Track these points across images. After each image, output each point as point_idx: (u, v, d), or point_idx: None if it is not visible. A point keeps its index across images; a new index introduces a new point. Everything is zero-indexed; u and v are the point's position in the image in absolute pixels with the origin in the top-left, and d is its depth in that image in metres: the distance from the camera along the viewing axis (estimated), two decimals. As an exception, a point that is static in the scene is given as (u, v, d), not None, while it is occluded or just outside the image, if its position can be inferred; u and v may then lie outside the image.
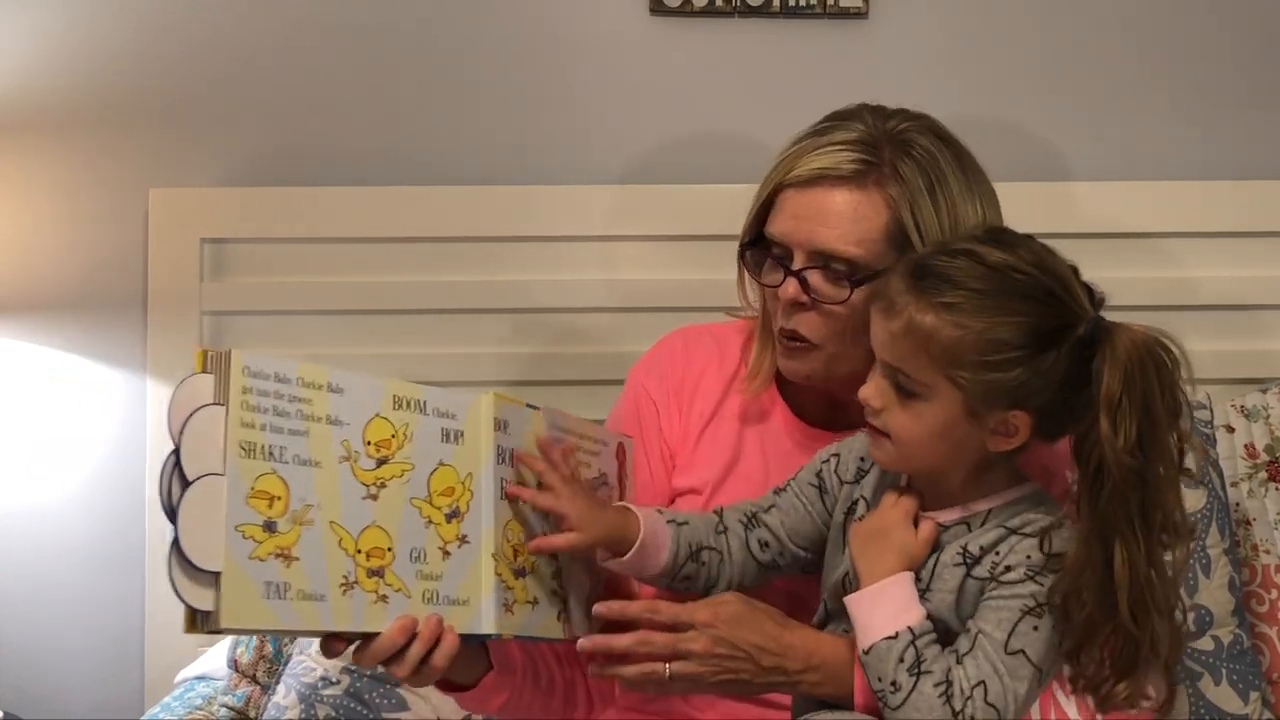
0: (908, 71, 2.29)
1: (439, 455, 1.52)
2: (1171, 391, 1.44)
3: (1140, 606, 1.43)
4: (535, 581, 1.56)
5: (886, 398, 1.48)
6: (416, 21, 2.30)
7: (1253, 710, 2.06)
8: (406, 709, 2.00)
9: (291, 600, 1.40)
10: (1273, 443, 2.19)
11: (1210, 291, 2.30)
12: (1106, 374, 1.41)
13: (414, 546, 1.49)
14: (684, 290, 2.30)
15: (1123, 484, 1.41)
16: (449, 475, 1.52)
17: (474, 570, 1.51)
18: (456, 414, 1.54)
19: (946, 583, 1.49)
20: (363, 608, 1.45)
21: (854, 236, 1.61)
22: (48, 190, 2.29)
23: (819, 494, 1.63)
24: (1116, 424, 1.40)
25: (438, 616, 1.48)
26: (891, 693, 1.44)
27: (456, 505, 1.52)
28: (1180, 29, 2.33)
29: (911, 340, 1.45)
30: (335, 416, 1.46)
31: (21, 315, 2.28)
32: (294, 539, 1.41)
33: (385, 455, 1.49)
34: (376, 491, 1.48)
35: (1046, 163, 2.31)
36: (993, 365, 1.43)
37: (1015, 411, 1.45)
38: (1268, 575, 2.14)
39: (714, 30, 2.31)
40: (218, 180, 2.30)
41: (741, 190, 2.16)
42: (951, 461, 1.50)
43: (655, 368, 1.82)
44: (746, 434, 1.76)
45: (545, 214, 2.30)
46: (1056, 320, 1.44)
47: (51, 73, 2.28)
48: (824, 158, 1.63)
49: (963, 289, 1.44)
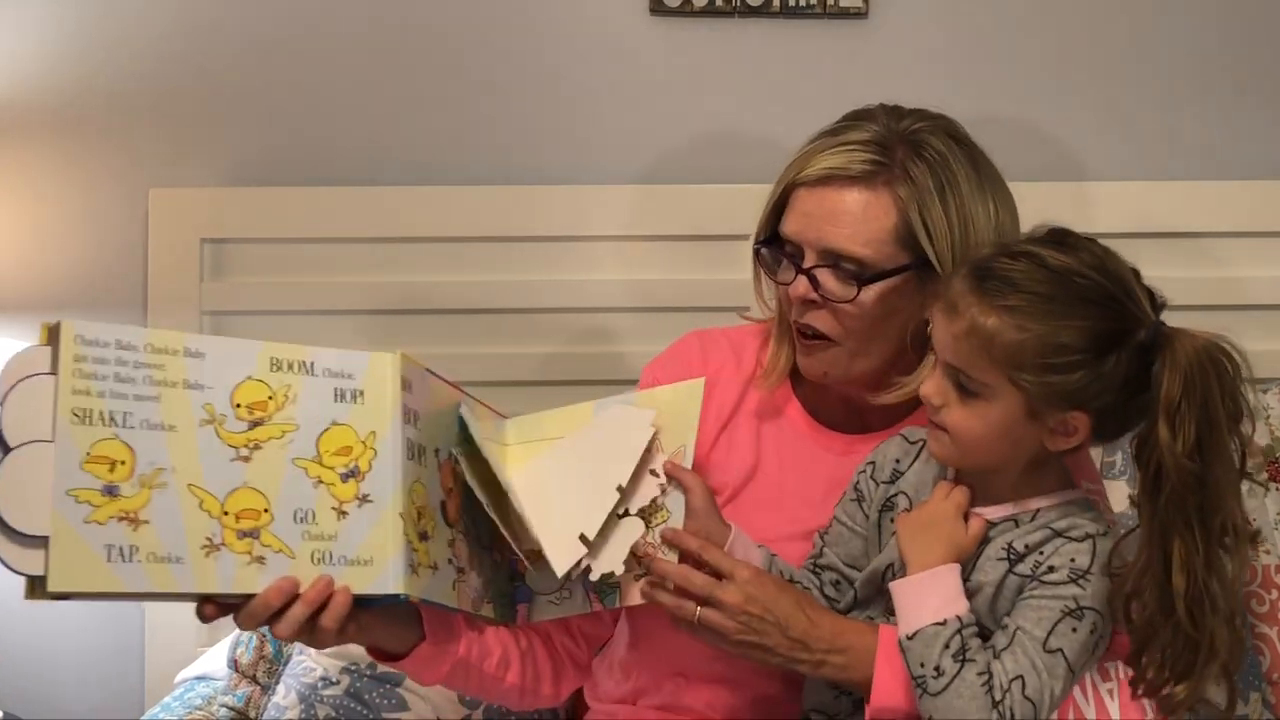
0: (908, 71, 2.29)
1: (331, 415, 1.52)
2: (1233, 396, 1.45)
3: (1198, 608, 1.44)
4: (435, 547, 1.56)
5: (947, 395, 1.50)
6: (416, 22, 2.30)
7: (1252, 710, 2.06)
8: (406, 709, 2.00)
9: (141, 563, 1.41)
10: (1273, 443, 2.19)
11: (1210, 291, 2.30)
12: (1166, 379, 1.43)
13: (299, 507, 1.49)
14: (683, 290, 2.30)
15: (1181, 487, 1.43)
16: (345, 434, 1.52)
17: (378, 529, 1.50)
18: (354, 373, 1.53)
19: (987, 575, 1.51)
20: (233, 570, 1.45)
21: (863, 236, 1.62)
22: (48, 190, 2.29)
23: (858, 506, 1.65)
24: (1176, 429, 1.42)
25: (327, 577, 1.47)
26: (934, 678, 1.46)
27: (355, 464, 1.51)
28: (1181, 27, 2.33)
29: (974, 342, 1.46)
30: (194, 381, 1.47)
31: (21, 315, 2.28)
32: (143, 501, 1.42)
33: (260, 417, 1.49)
34: (249, 453, 1.48)
35: (1046, 162, 2.31)
36: (1054, 368, 1.44)
37: (1075, 413, 1.47)
38: (1268, 575, 2.14)
39: (714, 30, 2.31)
40: (218, 180, 2.30)
41: (741, 190, 2.17)
42: (1008, 459, 1.52)
43: (671, 366, 1.82)
44: (764, 433, 1.77)
45: (544, 214, 2.30)
46: (1118, 325, 1.45)
47: (51, 73, 2.28)
48: (835, 157, 1.64)
49: (1025, 292, 1.45)
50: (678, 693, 1.76)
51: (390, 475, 1.51)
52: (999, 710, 1.45)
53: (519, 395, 2.31)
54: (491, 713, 2.02)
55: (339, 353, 1.54)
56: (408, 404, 1.55)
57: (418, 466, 1.55)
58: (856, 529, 1.64)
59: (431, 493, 1.57)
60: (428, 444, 1.58)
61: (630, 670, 1.81)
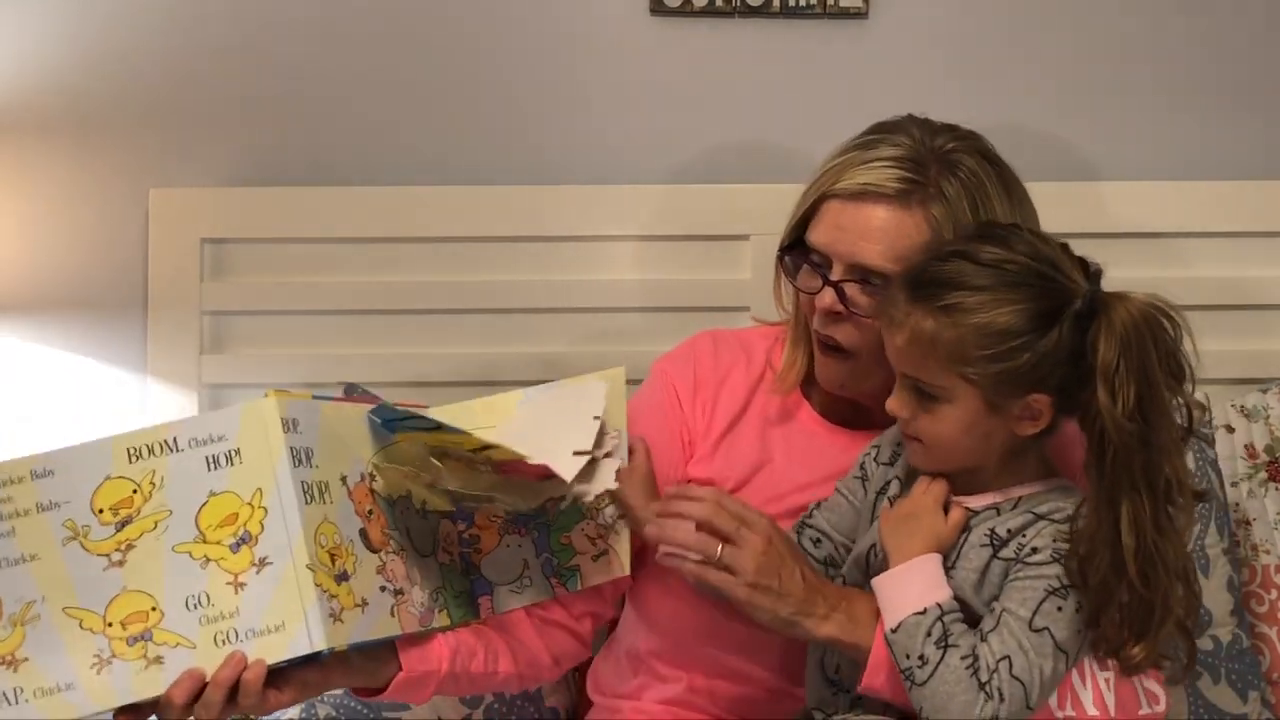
0: (908, 71, 2.29)
1: (207, 487, 1.46)
2: (1173, 356, 1.47)
3: (1150, 567, 1.46)
4: (361, 582, 1.50)
5: (911, 407, 1.52)
6: (415, 22, 2.30)
7: (1251, 710, 2.07)
8: (407, 708, 2.00)
9: (31, 701, 1.39)
10: (1273, 443, 2.19)
11: (1210, 291, 2.30)
12: (1102, 343, 1.45)
13: (190, 594, 1.44)
14: (682, 290, 2.30)
15: (1124, 449, 1.45)
16: (227, 502, 1.46)
17: (283, 591, 1.45)
18: (225, 434, 1.47)
19: (971, 562, 1.52)
20: (129, 679, 1.43)
21: (894, 254, 1.63)
22: (48, 190, 2.28)
23: (862, 484, 1.67)
24: (1114, 391, 1.44)
25: (238, 654, 1.44)
26: (919, 667, 1.47)
27: (244, 530, 1.45)
28: (1182, 27, 2.33)
29: (918, 348, 1.49)
30: (48, 501, 1.44)
31: (21, 315, 2.28)
32: (18, 641, 1.41)
33: (127, 515, 1.45)
34: (123, 556, 1.44)
35: (1046, 162, 2.30)
36: (999, 356, 1.47)
37: (1034, 395, 1.49)
38: (1267, 575, 2.14)
39: (714, 30, 2.30)
40: (218, 180, 2.30)
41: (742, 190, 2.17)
42: (984, 453, 1.54)
43: (683, 362, 1.83)
44: (772, 436, 1.78)
45: (545, 214, 2.30)
46: (1052, 301, 1.47)
47: (51, 73, 2.27)
48: (871, 173, 1.65)
49: (957, 288, 1.48)
50: (686, 686, 1.76)
51: (287, 529, 1.45)
52: (986, 691, 1.45)
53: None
54: (492, 713, 2.02)
55: (204, 417, 1.51)
56: (295, 445, 1.48)
57: (321, 506, 1.48)
58: (854, 502, 1.67)
59: (345, 526, 1.51)
60: (331, 477, 1.51)
61: (636, 664, 1.81)
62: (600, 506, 1.67)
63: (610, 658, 1.88)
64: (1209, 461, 2.12)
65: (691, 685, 1.77)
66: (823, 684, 1.62)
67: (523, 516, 1.66)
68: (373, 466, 1.57)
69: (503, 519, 1.66)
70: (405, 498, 1.59)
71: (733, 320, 1.91)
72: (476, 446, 1.56)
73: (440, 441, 1.58)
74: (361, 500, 1.54)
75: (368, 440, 1.58)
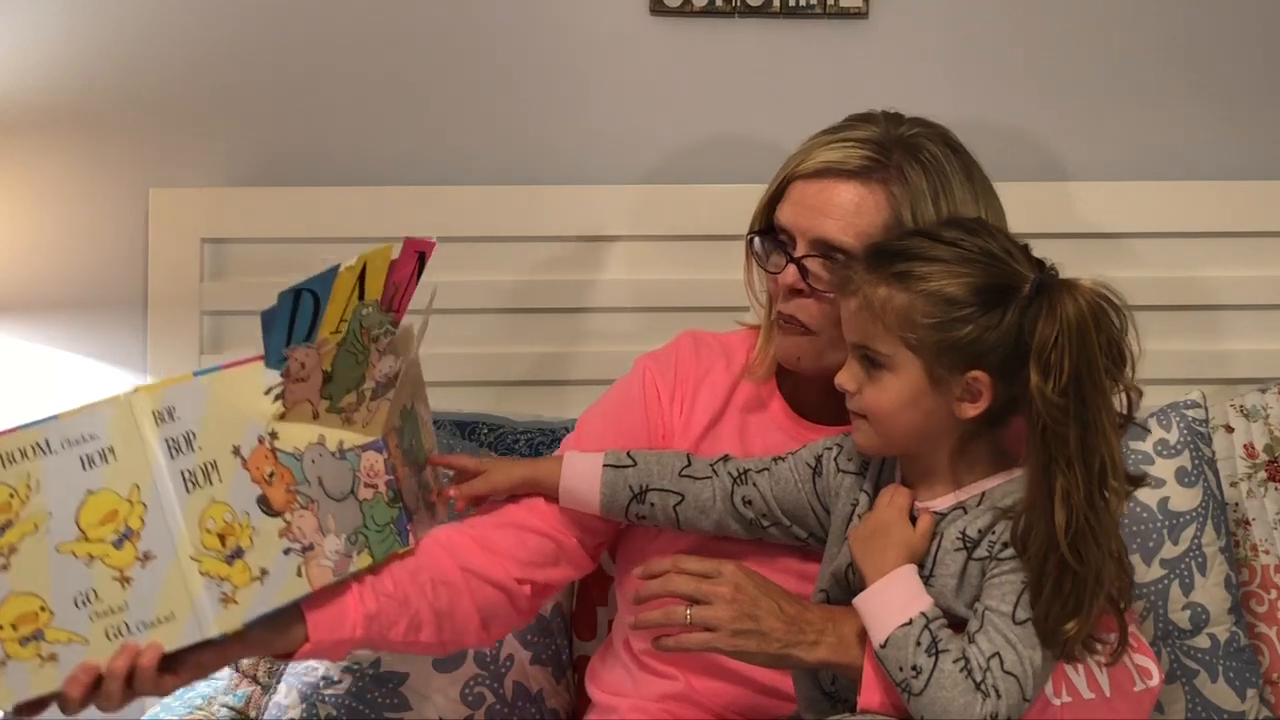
0: (908, 71, 2.29)
1: (84, 486, 1.47)
2: (1115, 344, 1.49)
3: (1082, 540, 1.47)
4: (259, 553, 1.52)
5: (859, 379, 1.55)
6: (415, 22, 2.30)
7: (1249, 708, 2.07)
8: (409, 709, 2.00)
9: None
10: (1272, 442, 2.20)
11: (1209, 291, 2.30)
12: (1041, 324, 1.47)
13: (77, 592, 1.46)
14: (681, 289, 2.30)
15: (1055, 425, 1.46)
16: (105, 500, 1.48)
17: (171, 582, 1.48)
18: (96, 433, 1.48)
19: (948, 568, 1.53)
20: (26, 677, 1.45)
21: (854, 229, 1.66)
22: (48, 190, 2.28)
23: (813, 475, 1.68)
24: (1047, 370, 1.46)
25: (132, 645, 1.47)
26: (914, 678, 1.47)
27: (126, 526, 1.48)
28: (1182, 29, 2.33)
29: (868, 313, 1.52)
30: None
31: (21, 315, 2.28)
32: None
33: (6, 520, 1.46)
34: (5, 560, 1.46)
35: (1046, 163, 2.31)
36: (944, 325, 1.50)
37: (975, 373, 1.51)
38: (1267, 575, 2.15)
39: (714, 30, 2.31)
40: (218, 180, 2.30)
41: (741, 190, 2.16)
42: (928, 435, 1.55)
43: (664, 359, 1.85)
44: (749, 426, 1.80)
45: (544, 214, 2.30)
46: (1001, 280, 1.51)
47: (51, 73, 2.27)
48: (833, 152, 1.69)
49: (913, 258, 1.52)
50: (683, 684, 1.77)
51: (167, 523, 1.48)
52: (982, 690, 1.46)
53: (519, 394, 2.32)
54: (493, 713, 2.02)
55: (75, 418, 1.49)
56: (172, 435, 1.49)
57: (207, 490, 1.50)
58: (801, 489, 1.68)
59: (239, 500, 1.52)
60: (219, 454, 1.52)
61: (634, 662, 1.82)
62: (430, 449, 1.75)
63: (608, 656, 1.89)
64: (1207, 461, 2.12)
65: (689, 683, 1.77)
66: (819, 697, 1.62)
67: (407, 451, 1.69)
68: (273, 424, 1.57)
69: (402, 449, 1.68)
70: (318, 444, 1.59)
71: (731, 320, 1.91)
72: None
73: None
74: (260, 466, 1.55)
75: (267, 401, 1.57)
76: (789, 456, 1.70)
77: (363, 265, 1.57)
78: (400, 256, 1.61)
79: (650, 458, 1.72)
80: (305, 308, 1.55)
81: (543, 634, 2.08)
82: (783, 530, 1.70)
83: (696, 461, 1.72)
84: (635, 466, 1.71)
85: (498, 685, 2.03)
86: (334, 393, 1.59)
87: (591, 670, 1.92)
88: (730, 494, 1.69)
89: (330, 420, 1.60)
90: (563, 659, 2.11)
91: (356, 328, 1.58)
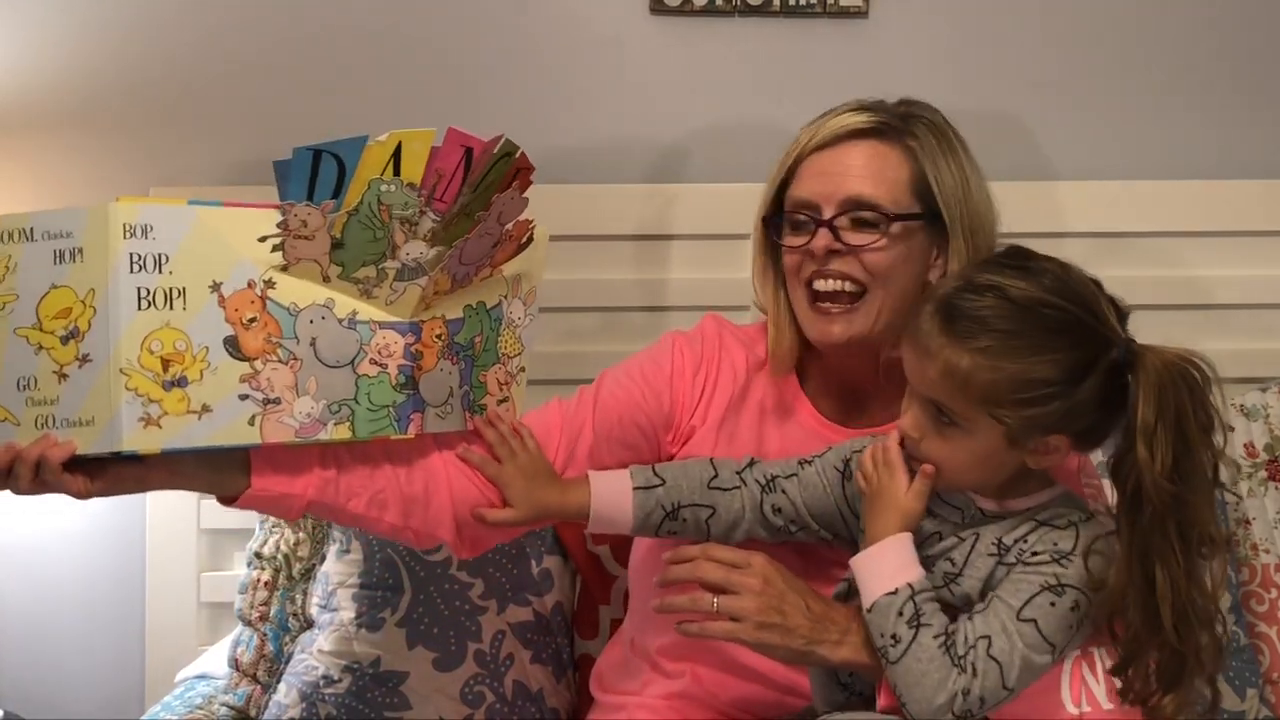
0: (908, 71, 2.29)
1: (50, 278, 1.50)
2: (1205, 409, 1.47)
3: (1184, 622, 1.46)
4: (206, 390, 1.52)
5: (924, 428, 1.52)
6: (416, 21, 2.30)
7: (1249, 707, 2.07)
8: (409, 708, 2.01)
9: None
10: (1272, 442, 2.20)
11: (1209, 291, 2.31)
12: (1141, 401, 1.45)
13: (22, 375, 1.50)
14: (681, 289, 2.30)
15: (1161, 508, 1.45)
16: (64, 296, 1.50)
17: (98, 389, 1.49)
18: (72, 231, 1.50)
19: (978, 570, 1.53)
20: None
21: (883, 182, 1.69)
22: (49, 188, 2.28)
23: (842, 479, 1.66)
24: (1153, 450, 1.44)
25: (49, 436, 1.49)
26: (891, 645, 1.48)
27: (75, 325, 1.50)
28: (1180, 29, 2.33)
29: (950, 383, 1.48)
30: None
31: (21, 315, 2.28)
32: None
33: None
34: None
35: (1046, 162, 2.31)
36: (1031, 402, 1.47)
37: (1056, 438, 1.50)
38: (1267, 575, 2.15)
39: (714, 29, 2.31)
40: (218, 180, 2.30)
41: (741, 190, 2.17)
42: (990, 480, 1.55)
43: (693, 337, 1.84)
44: (768, 427, 1.79)
45: (543, 213, 2.29)
46: (1089, 351, 1.47)
47: (51, 73, 2.27)
48: (844, 118, 1.72)
49: (994, 331, 1.47)
50: (690, 680, 1.77)
51: (109, 331, 1.49)
52: (960, 665, 1.47)
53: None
54: (493, 713, 2.02)
55: (60, 212, 1.53)
56: (140, 251, 1.50)
57: (162, 313, 1.50)
58: (830, 493, 1.66)
59: (200, 333, 1.52)
60: (191, 283, 1.52)
61: (643, 659, 1.81)
62: (512, 355, 1.75)
63: (615, 654, 1.88)
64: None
65: (696, 680, 1.77)
66: (835, 689, 1.63)
67: (456, 345, 1.67)
68: (272, 273, 1.56)
69: (444, 342, 1.66)
70: (323, 306, 1.58)
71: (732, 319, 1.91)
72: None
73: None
74: (240, 308, 1.54)
75: (263, 245, 1.56)
76: (815, 460, 1.68)
77: (397, 144, 1.56)
78: (445, 145, 1.59)
79: (676, 471, 1.69)
80: (328, 171, 1.56)
81: (543, 633, 2.08)
82: (810, 534, 1.68)
83: (723, 470, 1.69)
84: (664, 485, 1.67)
85: (498, 684, 2.03)
86: (345, 260, 1.58)
87: (597, 672, 1.91)
88: (760, 503, 1.67)
89: (344, 288, 1.59)
90: (563, 658, 2.11)
91: (374, 200, 1.56)
